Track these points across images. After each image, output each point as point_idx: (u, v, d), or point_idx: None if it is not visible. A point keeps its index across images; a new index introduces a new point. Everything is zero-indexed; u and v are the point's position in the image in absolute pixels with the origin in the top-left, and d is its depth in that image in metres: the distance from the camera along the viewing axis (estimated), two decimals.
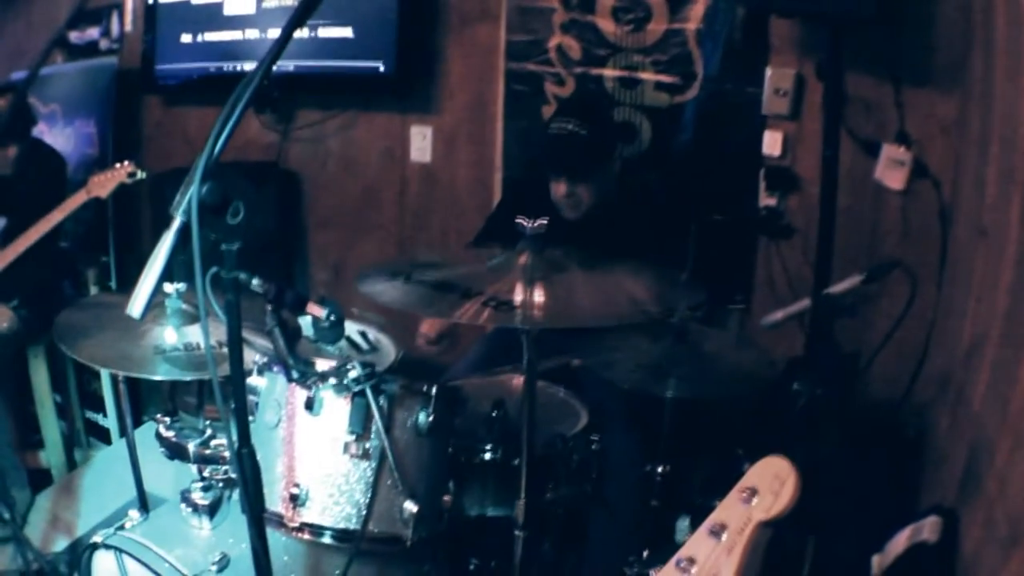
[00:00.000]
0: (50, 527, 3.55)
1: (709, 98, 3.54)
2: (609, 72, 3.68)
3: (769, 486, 1.50)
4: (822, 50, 3.22)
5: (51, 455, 4.12)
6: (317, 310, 2.07)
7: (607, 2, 3.63)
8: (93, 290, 4.53)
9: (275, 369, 2.22)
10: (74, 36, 4.97)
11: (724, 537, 1.51)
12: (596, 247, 2.35)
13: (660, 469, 2.68)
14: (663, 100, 3.61)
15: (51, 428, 4.12)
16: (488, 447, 2.39)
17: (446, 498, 2.26)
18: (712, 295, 2.63)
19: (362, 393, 2.11)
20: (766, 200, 3.49)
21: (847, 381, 3.07)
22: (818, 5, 2.90)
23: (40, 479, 3.95)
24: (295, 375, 2.15)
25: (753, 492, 1.51)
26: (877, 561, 2.30)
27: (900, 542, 2.22)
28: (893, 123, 3.22)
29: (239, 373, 1.74)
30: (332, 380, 2.13)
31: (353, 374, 2.11)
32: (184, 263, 1.65)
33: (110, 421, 4.36)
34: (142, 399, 4.39)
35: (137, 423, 3.98)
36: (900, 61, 3.18)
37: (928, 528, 2.19)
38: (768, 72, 3.43)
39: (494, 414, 2.42)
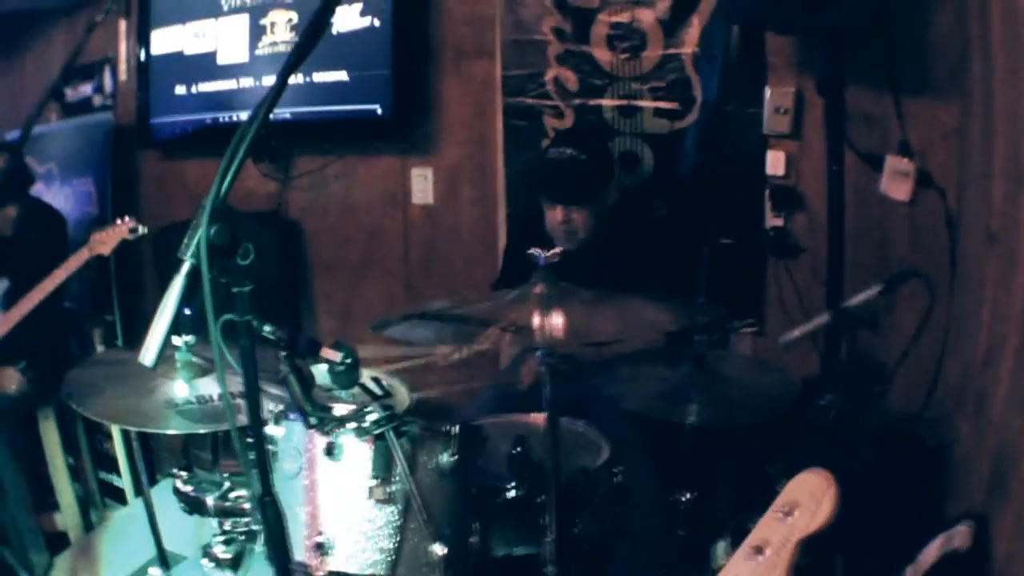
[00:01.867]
0: None
1: (709, 122, 3.56)
2: (607, 102, 3.70)
3: (808, 500, 1.52)
4: (820, 65, 3.23)
5: (67, 517, 4.12)
6: (331, 354, 2.07)
7: (601, 31, 3.66)
8: (100, 349, 4.55)
9: (292, 417, 2.21)
10: (67, 94, 5.02)
11: (764, 556, 1.52)
12: (596, 277, 2.36)
13: (684, 497, 2.70)
14: (663, 127, 3.63)
15: (65, 490, 4.12)
16: (511, 485, 2.39)
17: (472, 539, 2.26)
18: (726, 318, 2.65)
19: (383, 436, 2.10)
20: (772, 220, 3.51)
21: (874, 393, 3.08)
22: (814, 20, 2.92)
23: (57, 542, 3.95)
24: (313, 421, 2.15)
25: (792, 508, 1.53)
26: (910, 573, 2.30)
27: (932, 552, 2.22)
28: (895, 134, 3.25)
29: (258, 420, 1.75)
30: (352, 424, 2.13)
31: (373, 417, 2.11)
32: (192, 317, 1.67)
33: (124, 481, 4.37)
34: (155, 458, 4.41)
35: (151, 482, 4.03)
36: (898, 72, 3.20)
37: (959, 536, 2.19)
38: (767, 91, 3.45)
39: (516, 451, 2.41)
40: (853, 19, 2.87)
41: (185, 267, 1.60)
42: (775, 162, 3.50)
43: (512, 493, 2.39)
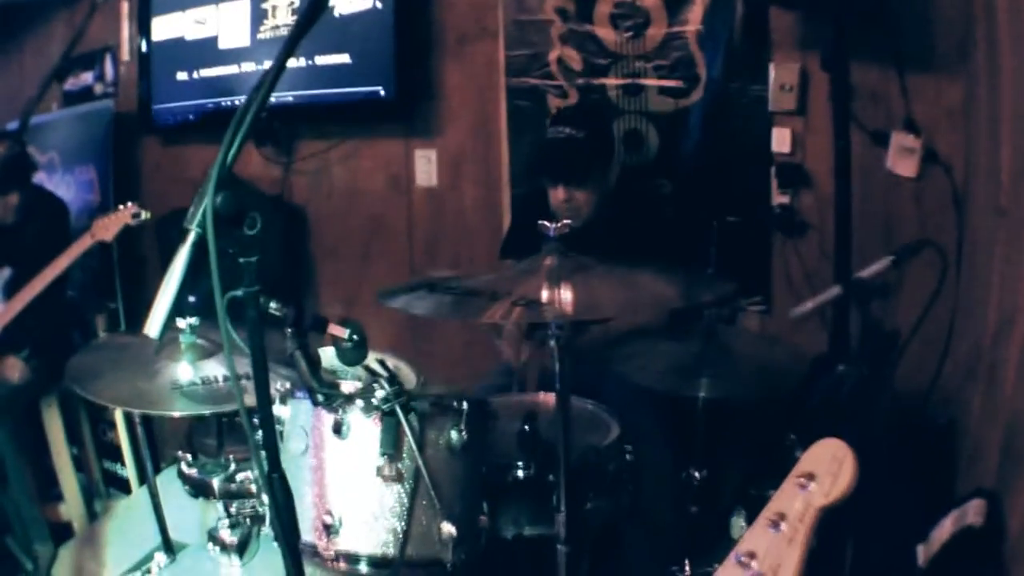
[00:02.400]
0: None
1: (714, 100, 3.55)
2: (611, 81, 3.70)
3: (827, 470, 1.49)
4: (825, 42, 3.23)
5: (71, 507, 4.14)
6: (339, 330, 2.06)
7: (604, 10, 3.66)
8: (102, 337, 4.54)
9: (298, 395, 2.20)
10: (68, 83, 5.03)
11: (784, 527, 1.50)
12: (602, 255, 2.35)
13: (697, 474, 2.70)
14: (668, 105, 3.63)
15: (69, 480, 4.14)
16: (520, 464, 2.38)
17: (482, 518, 2.24)
18: (735, 291, 2.65)
19: (391, 413, 2.08)
20: (779, 198, 3.51)
21: (890, 360, 3.08)
22: None
23: (61, 532, 3.95)
24: (320, 399, 2.14)
25: (811, 478, 1.50)
26: (923, 551, 2.30)
27: (945, 529, 2.22)
28: (900, 111, 3.25)
29: (265, 392, 1.72)
30: (359, 402, 2.11)
31: (381, 393, 2.08)
32: (197, 299, 1.66)
33: (128, 470, 4.37)
34: (158, 446, 4.41)
35: (155, 471, 4.04)
36: (903, 48, 3.20)
37: (972, 511, 2.18)
38: (772, 69, 3.45)
39: (525, 429, 2.39)
40: None
41: (191, 237, 1.56)
42: (781, 139, 3.49)
43: (521, 472, 2.38)
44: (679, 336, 2.79)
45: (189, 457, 2.58)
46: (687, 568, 2.65)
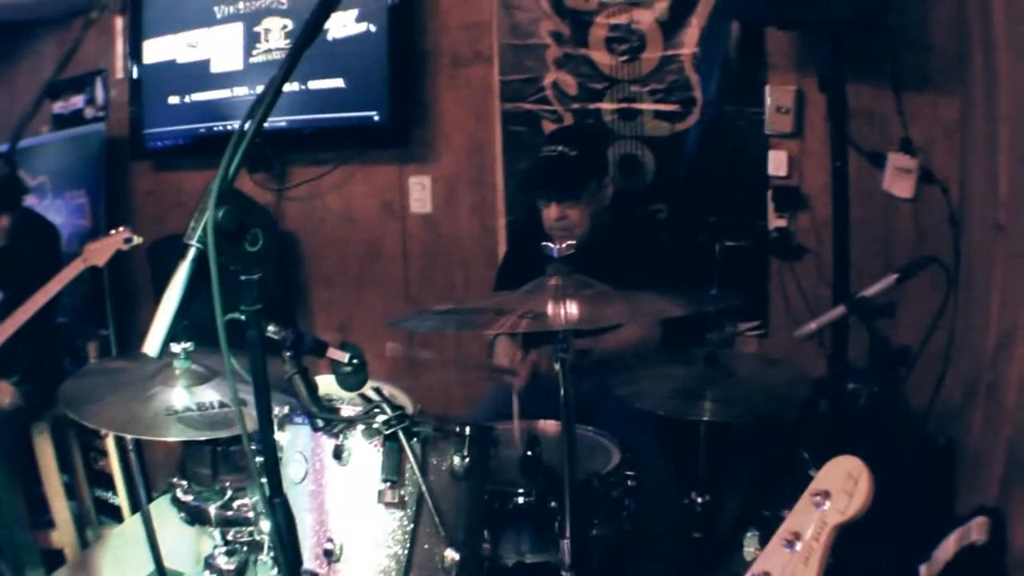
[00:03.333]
0: None
1: (711, 123, 3.59)
2: (607, 106, 3.73)
3: (842, 487, 1.49)
4: (821, 63, 3.30)
5: (63, 534, 4.09)
6: (339, 354, 2.03)
7: (600, 33, 3.69)
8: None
9: (296, 420, 2.21)
10: (58, 106, 5.02)
11: (799, 546, 1.50)
12: (598, 279, 2.36)
13: (700, 499, 2.72)
14: (664, 129, 3.66)
15: (61, 506, 4.10)
16: (521, 491, 2.38)
17: (485, 545, 2.25)
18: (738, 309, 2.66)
19: (393, 437, 2.07)
20: (776, 221, 3.54)
21: (900, 375, 3.08)
22: (819, 13, 2.95)
23: (52, 559, 3.94)
24: (320, 424, 2.13)
25: (826, 495, 1.50)
26: (925, 570, 2.29)
27: (948, 547, 2.21)
28: (896, 132, 3.30)
29: (267, 418, 1.72)
30: (361, 426, 2.11)
31: (383, 418, 2.07)
32: (188, 327, 1.64)
33: (121, 498, 4.36)
34: (150, 475, 4.40)
35: (148, 499, 4.02)
36: (899, 68, 3.25)
37: (976, 529, 2.18)
38: (768, 90, 3.49)
39: (528, 454, 2.39)
40: (859, 12, 2.91)
41: (190, 253, 1.55)
42: (777, 162, 3.53)
43: (523, 499, 2.39)
44: (680, 360, 2.81)
45: (185, 484, 2.59)
46: None
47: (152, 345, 1.59)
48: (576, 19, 3.73)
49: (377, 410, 2.11)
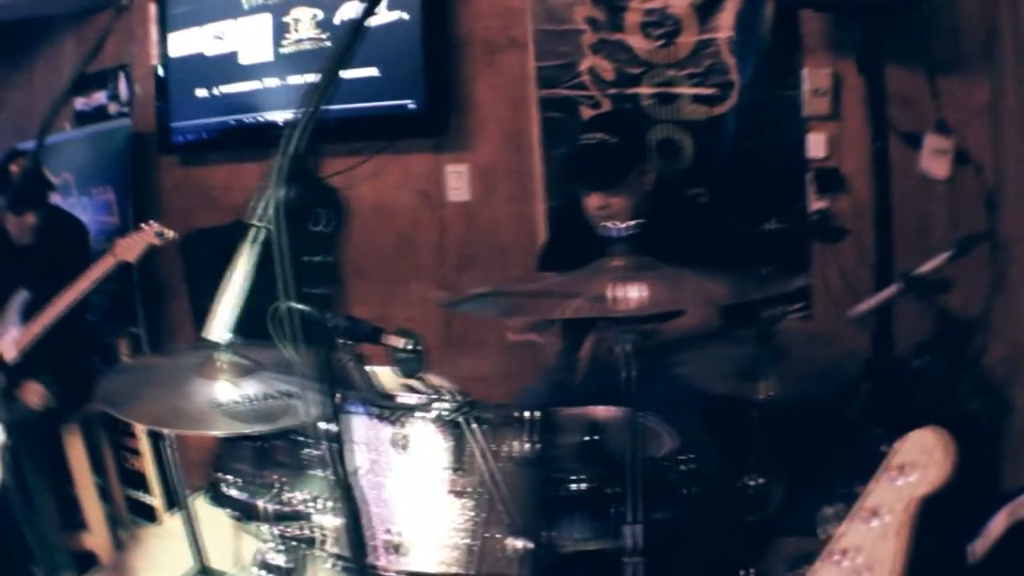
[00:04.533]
0: None
1: (748, 106, 3.61)
2: (644, 90, 3.75)
3: (922, 459, 1.48)
4: (858, 44, 3.34)
5: (96, 536, 4.08)
6: (396, 340, 2.06)
7: (635, 18, 3.71)
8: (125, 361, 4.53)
9: (351, 409, 2.18)
10: (80, 102, 5.03)
11: (879, 521, 1.49)
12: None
13: (753, 482, 2.72)
14: (702, 113, 3.68)
15: (94, 508, 4.09)
16: (582, 476, 2.30)
17: (547, 533, 2.20)
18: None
19: (457, 424, 2.05)
20: (816, 204, 3.57)
21: (968, 351, 3.11)
22: None
23: (84, 562, 3.95)
24: (379, 411, 2.11)
25: (906, 468, 1.50)
26: (975, 546, 2.29)
27: (998, 524, 2.21)
28: (931, 113, 3.33)
29: (332, 401, 1.70)
30: (423, 413, 2.09)
31: (448, 404, 2.06)
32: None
33: (155, 498, 4.36)
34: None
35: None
36: (931, 49, 3.29)
37: None
38: (804, 73, 3.52)
39: (589, 439, 2.38)
40: None
41: (256, 234, 1.56)
42: (816, 144, 3.57)
43: (582, 485, 2.31)
44: (732, 339, 2.82)
45: (230, 478, 2.52)
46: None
47: (218, 330, 1.60)
48: (611, 4, 3.75)
49: (443, 395, 2.09)
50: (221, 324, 1.59)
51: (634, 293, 2.14)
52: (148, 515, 4.43)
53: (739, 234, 3.58)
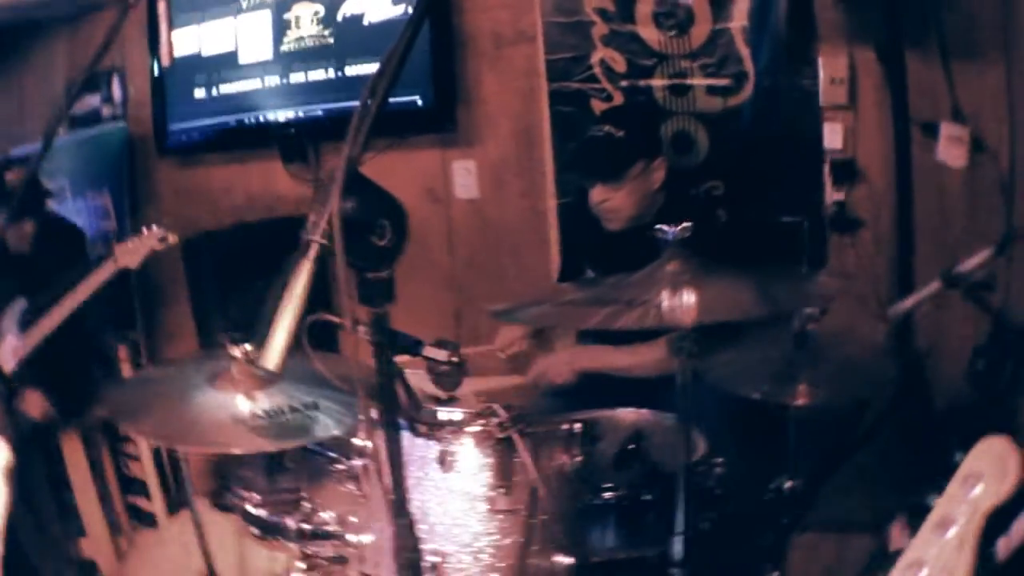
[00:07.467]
0: None
1: (763, 96, 3.49)
2: (657, 82, 3.63)
3: (992, 468, 1.40)
4: (873, 32, 3.27)
5: (96, 543, 3.98)
6: (436, 352, 1.97)
7: (647, 9, 3.58)
8: (125, 368, 4.39)
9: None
10: (74, 106, 4.88)
11: (951, 532, 1.41)
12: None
13: (787, 485, 2.59)
14: (716, 105, 3.57)
15: (95, 514, 4.00)
16: (611, 484, 2.23)
17: (588, 545, 2.14)
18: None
19: (504, 440, 1.96)
20: (833, 195, 3.46)
21: None
22: None
23: (84, 571, 3.88)
24: (422, 429, 2.01)
25: (977, 478, 1.41)
26: (1003, 543, 2.21)
27: None
28: (946, 101, 3.22)
29: (394, 428, 1.59)
30: (471, 428, 1.99)
31: (498, 420, 1.98)
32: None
33: (155, 503, 4.22)
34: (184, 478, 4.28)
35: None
36: (945, 36, 3.18)
37: None
38: (821, 62, 3.40)
39: (631, 448, 2.27)
40: None
41: (312, 250, 1.40)
42: (832, 135, 3.44)
43: (613, 493, 2.24)
44: (766, 339, 2.68)
45: (256, 496, 2.37)
46: None
47: (273, 358, 1.41)
48: None
49: (492, 411, 2.00)
50: (276, 351, 1.40)
51: (690, 300, 2.07)
52: (148, 521, 4.28)
53: (756, 227, 3.44)
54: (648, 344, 2.90)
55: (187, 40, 4.47)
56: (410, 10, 3.81)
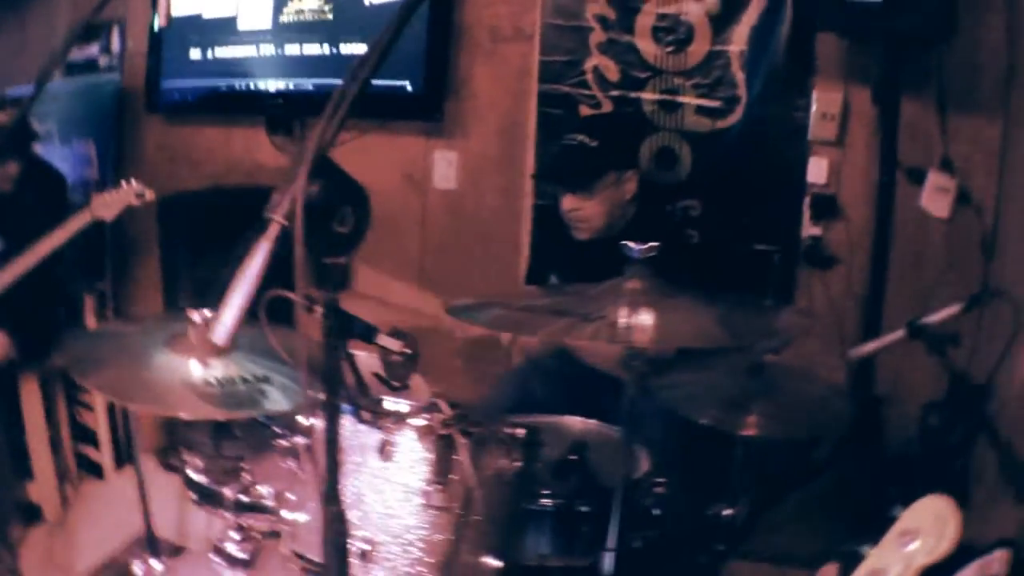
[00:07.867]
0: (46, 567, 3.43)
1: (753, 123, 3.48)
2: (648, 96, 3.60)
3: (931, 527, 1.41)
4: (871, 73, 3.25)
5: (42, 489, 3.91)
6: (389, 341, 1.92)
7: (647, 22, 3.56)
8: (90, 318, 4.35)
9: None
10: (72, 52, 4.83)
11: None
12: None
13: (726, 512, 2.58)
14: (704, 125, 3.55)
15: (45, 461, 3.93)
16: (548, 492, 2.23)
17: (518, 550, 2.15)
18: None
19: (446, 437, 1.91)
20: (811, 229, 3.45)
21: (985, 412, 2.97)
22: (884, 23, 2.89)
23: (28, 514, 3.78)
24: (366, 416, 1.96)
25: (914, 535, 1.42)
26: None
27: None
28: (938, 149, 3.22)
29: (335, 412, 1.56)
30: (414, 421, 1.94)
31: (441, 416, 1.93)
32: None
33: (104, 455, 4.19)
34: (134, 432, 4.23)
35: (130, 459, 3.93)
36: (945, 84, 3.17)
37: (997, 563, 2.09)
38: (815, 96, 3.40)
39: (572, 458, 2.27)
40: (926, 26, 2.87)
41: (273, 229, 1.36)
42: (817, 169, 3.45)
43: (551, 501, 2.24)
44: (720, 367, 2.65)
45: (198, 462, 2.35)
46: None
47: (222, 334, 1.41)
48: (624, 4, 3.60)
49: (436, 406, 1.95)
50: (227, 327, 1.38)
51: (647, 321, 2.06)
52: (95, 471, 4.25)
53: (727, 251, 3.47)
54: None
55: (188, 1, 4.43)
56: None
